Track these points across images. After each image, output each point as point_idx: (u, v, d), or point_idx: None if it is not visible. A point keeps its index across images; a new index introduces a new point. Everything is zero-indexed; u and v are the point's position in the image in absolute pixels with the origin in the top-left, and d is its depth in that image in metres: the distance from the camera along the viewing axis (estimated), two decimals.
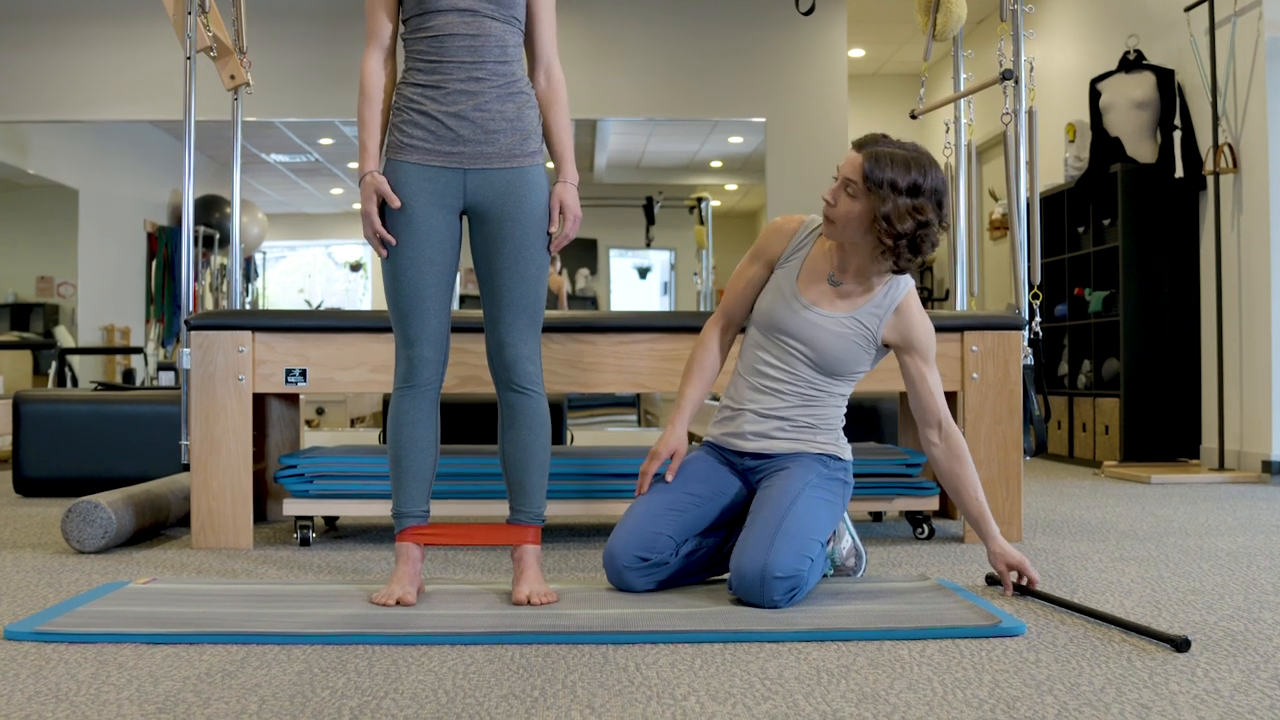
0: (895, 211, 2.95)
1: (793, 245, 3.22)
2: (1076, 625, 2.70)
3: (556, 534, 4.22)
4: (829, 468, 3.13)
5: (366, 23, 3.07)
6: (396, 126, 3.00)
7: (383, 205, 2.97)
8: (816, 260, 3.18)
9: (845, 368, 3.15)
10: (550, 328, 3.85)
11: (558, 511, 3.91)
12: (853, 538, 3.28)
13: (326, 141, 12.28)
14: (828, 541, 3.18)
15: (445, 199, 2.97)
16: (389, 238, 2.97)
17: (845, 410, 3.25)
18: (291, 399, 4.55)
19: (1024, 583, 3.04)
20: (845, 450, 3.20)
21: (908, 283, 3.19)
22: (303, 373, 3.86)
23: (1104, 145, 7.33)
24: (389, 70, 3.06)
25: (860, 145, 3.03)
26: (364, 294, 17.12)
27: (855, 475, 3.99)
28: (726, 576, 3.07)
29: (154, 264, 12.73)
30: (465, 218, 3.04)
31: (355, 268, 17.24)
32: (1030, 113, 4.40)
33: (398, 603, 2.87)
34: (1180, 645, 2.43)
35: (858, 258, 3.11)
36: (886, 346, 3.18)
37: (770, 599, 2.80)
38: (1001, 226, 9.46)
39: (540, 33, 3.09)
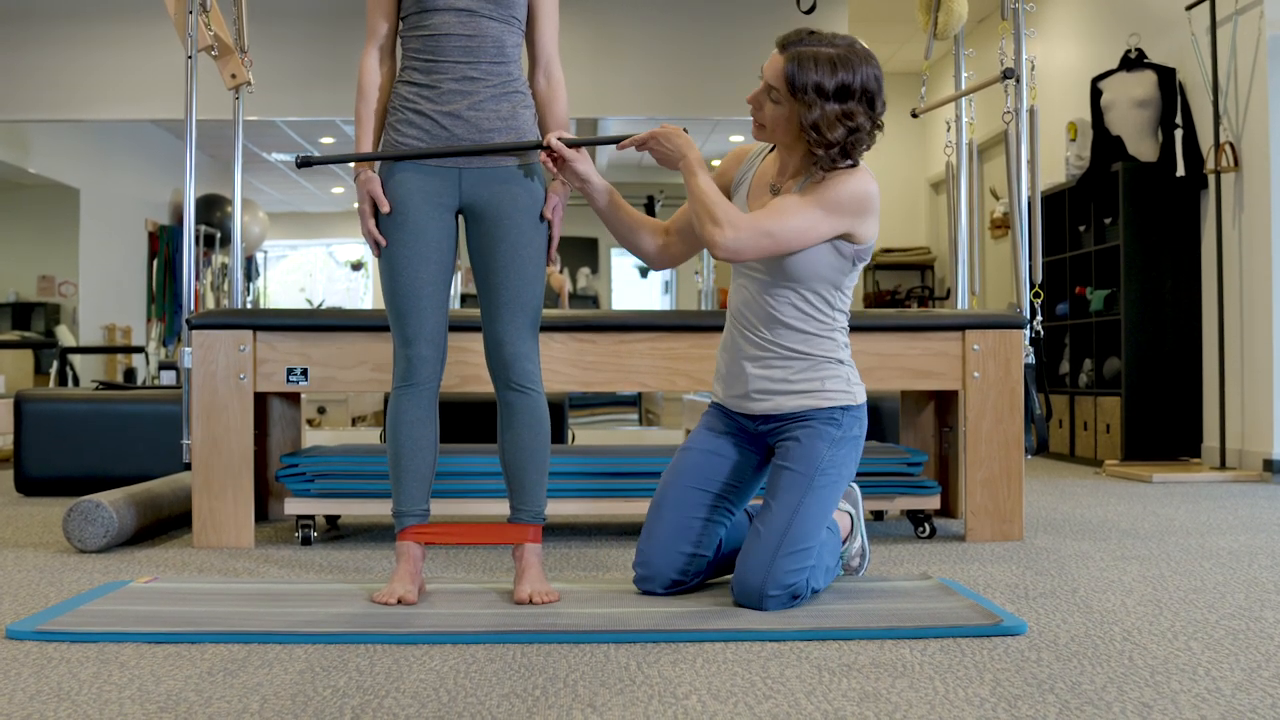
0: (824, 119, 2.79)
1: (744, 167, 3.09)
2: (1078, 624, 2.69)
3: (558, 533, 4.22)
4: (841, 427, 2.94)
5: (366, 22, 3.07)
6: (392, 126, 3.00)
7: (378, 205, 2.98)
8: (763, 175, 3.03)
9: (811, 273, 2.91)
10: (551, 327, 3.85)
11: (559, 510, 3.91)
12: (863, 538, 3.25)
13: (328, 140, 12.29)
14: (843, 540, 3.16)
15: (441, 198, 2.97)
16: (380, 239, 2.97)
17: (845, 334, 3.02)
18: (293, 398, 4.55)
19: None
20: (855, 389, 2.99)
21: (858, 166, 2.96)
22: (304, 372, 3.86)
23: (1105, 144, 7.32)
24: (386, 69, 3.06)
25: (783, 45, 2.85)
26: (365, 293, 17.15)
27: (856, 474, 3.98)
28: (729, 578, 3.06)
29: (155, 263, 12.75)
30: (461, 217, 3.05)
31: (356, 266, 17.27)
32: (1031, 111, 4.40)
33: (399, 601, 2.87)
34: None
35: (793, 160, 2.94)
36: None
37: (771, 609, 2.80)
38: (1003, 225, 9.46)
39: (541, 32, 3.08)
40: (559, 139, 2.94)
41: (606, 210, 3.09)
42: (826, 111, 2.80)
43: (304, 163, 3.01)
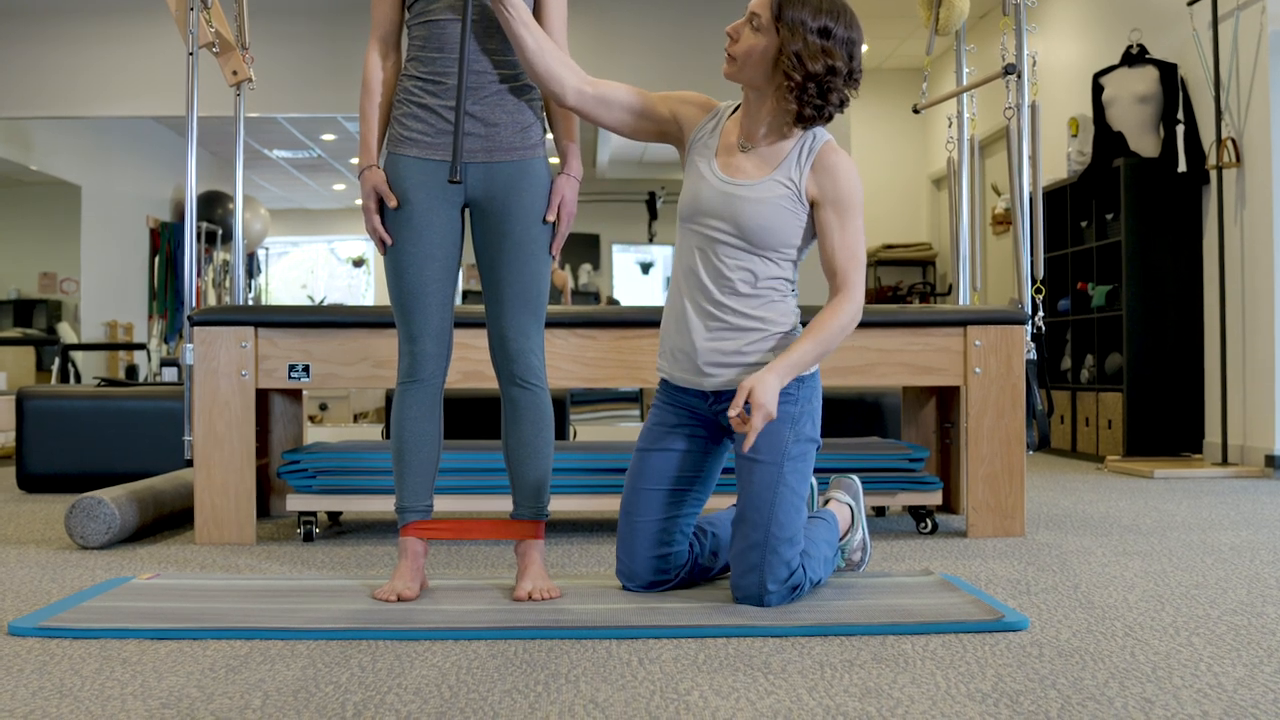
0: (805, 49, 2.78)
1: (709, 120, 3.04)
2: (1080, 619, 2.70)
3: (560, 529, 4.22)
4: (798, 402, 2.89)
5: (371, 15, 3.05)
6: (397, 120, 2.98)
7: (383, 200, 2.96)
8: (728, 136, 2.99)
9: (774, 238, 2.88)
10: (553, 323, 3.85)
11: (561, 506, 3.91)
12: (864, 532, 3.24)
13: (329, 137, 12.28)
14: (842, 535, 3.16)
15: (446, 193, 2.96)
16: (386, 237, 2.96)
17: (794, 300, 2.99)
18: (294, 394, 4.55)
19: (736, 415, 2.77)
20: None
21: (824, 134, 2.94)
22: (306, 368, 3.87)
23: (1107, 139, 7.32)
24: (391, 64, 3.04)
25: None
26: (366, 289, 17.14)
27: (857, 470, 3.99)
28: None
29: (156, 260, 12.74)
30: (467, 211, 3.04)
31: (358, 263, 17.26)
32: (1033, 107, 4.39)
33: (399, 598, 2.87)
34: None
35: (761, 108, 2.91)
36: (813, 205, 2.92)
37: (773, 604, 2.81)
38: (1004, 221, 9.45)
39: (548, 21, 3.03)
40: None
41: (518, 30, 2.91)
42: (809, 42, 2.79)
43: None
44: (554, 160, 3.08)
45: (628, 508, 3.01)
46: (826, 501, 3.27)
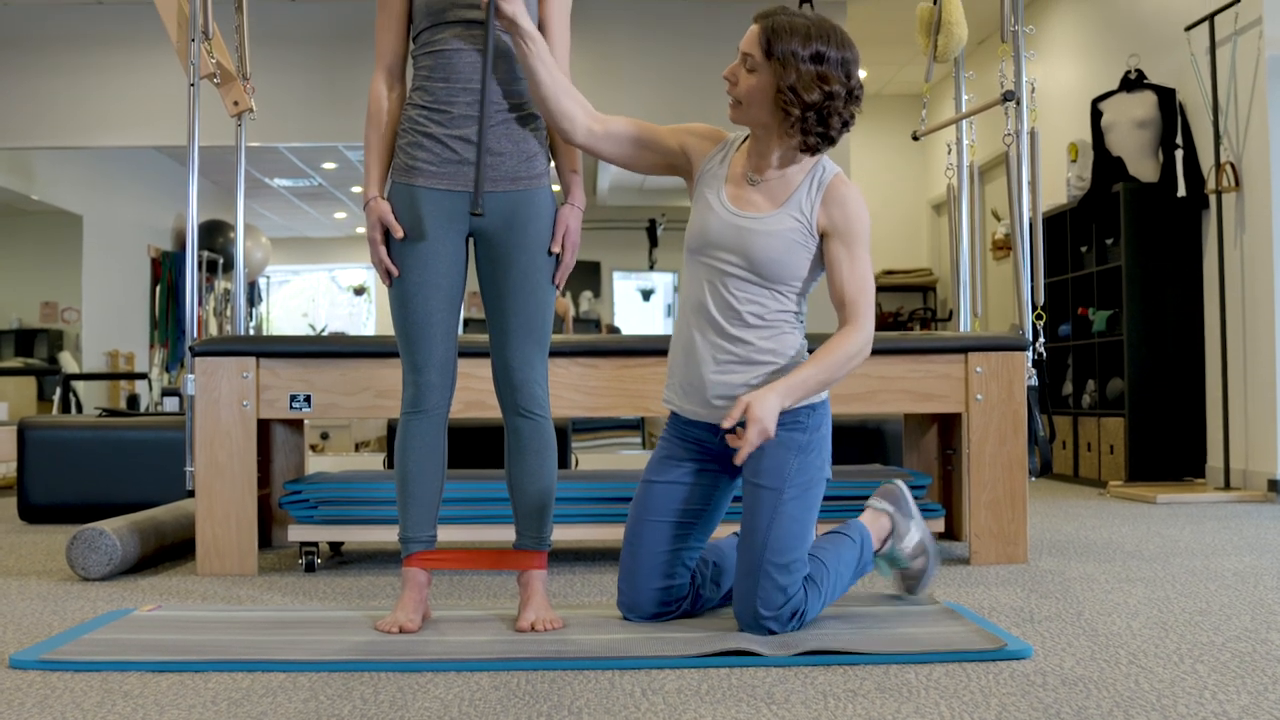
0: (800, 81, 2.77)
1: (717, 151, 3.04)
2: (1084, 647, 2.69)
3: (562, 558, 4.21)
4: (807, 430, 2.88)
5: (375, 45, 3.05)
6: (402, 149, 2.99)
7: (388, 230, 2.96)
8: (736, 169, 2.99)
9: (785, 270, 2.89)
10: (555, 352, 3.85)
11: (564, 536, 3.90)
12: (922, 535, 3.12)
13: (330, 166, 12.32)
14: (880, 545, 3.11)
15: (451, 222, 2.96)
16: (393, 269, 2.96)
17: (801, 334, 2.98)
18: (295, 424, 4.55)
19: (731, 428, 2.78)
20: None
21: (833, 166, 2.95)
22: (307, 398, 3.87)
23: (1106, 165, 7.33)
24: (396, 93, 3.04)
25: (760, 17, 2.85)
26: (368, 318, 17.17)
27: (860, 497, 3.98)
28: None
29: (158, 289, 12.76)
30: (471, 241, 3.04)
31: (359, 291, 17.28)
32: (1032, 134, 4.41)
33: (402, 629, 2.86)
34: None
35: (770, 143, 2.91)
36: (823, 236, 2.91)
37: (774, 631, 2.80)
38: (1004, 247, 9.46)
39: (552, 48, 3.05)
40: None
41: (535, 65, 2.92)
42: (803, 73, 2.78)
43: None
44: (556, 188, 3.09)
45: (631, 539, 3.00)
46: (862, 513, 3.22)
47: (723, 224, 2.92)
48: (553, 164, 3.09)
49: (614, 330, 14.43)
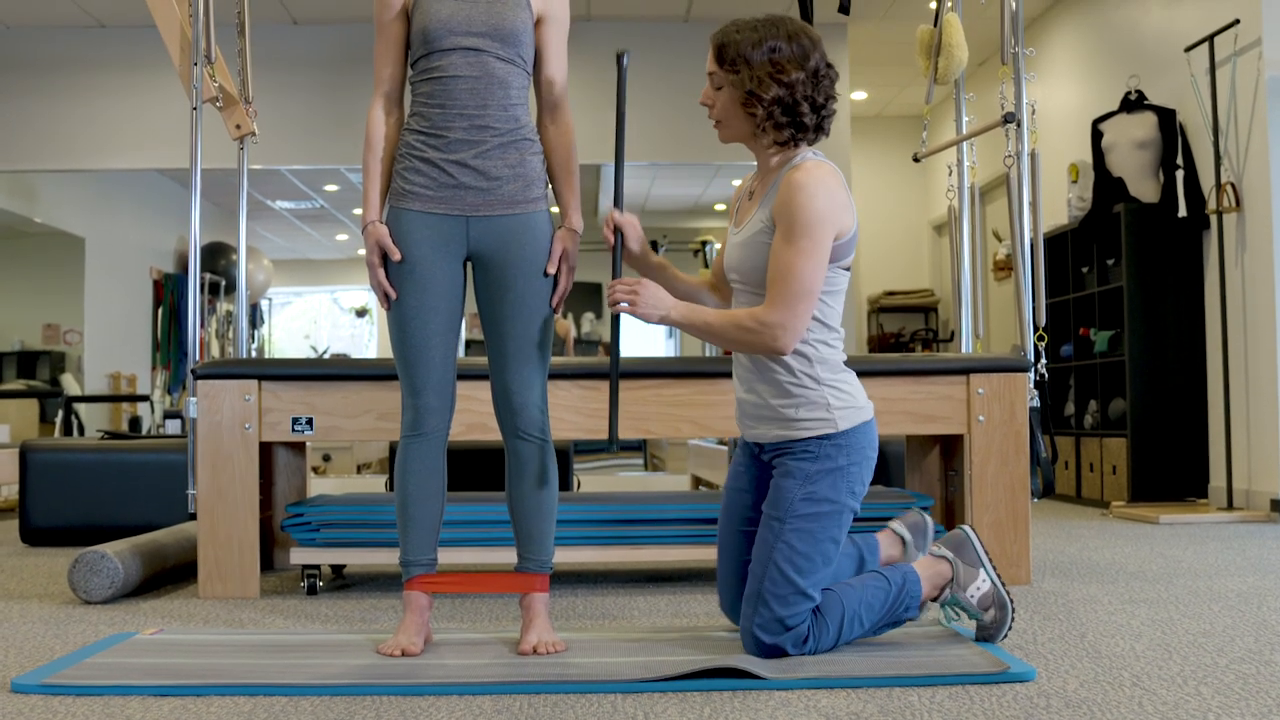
0: (756, 80, 2.81)
1: (734, 202, 3.11)
2: (1087, 670, 2.68)
3: (564, 581, 4.21)
4: (817, 460, 2.85)
5: (374, 71, 3.07)
6: (399, 174, 3.00)
7: (386, 254, 2.98)
8: (741, 191, 3.08)
9: (760, 273, 2.88)
10: (556, 374, 3.85)
11: (565, 558, 3.90)
12: (993, 584, 2.97)
13: (331, 188, 12.33)
14: (937, 592, 2.97)
15: (448, 246, 2.97)
16: (391, 292, 2.97)
17: (829, 348, 2.92)
18: (297, 446, 4.54)
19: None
20: (838, 413, 2.88)
21: (807, 155, 2.89)
22: (309, 421, 3.87)
23: (1107, 185, 7.34)
24: (394, 119, 3.06)
25: (712, 37, 2.93)
26: (369, 339, 17.17)
27: (863, 519, 3.97)
28: None
29: (160, 311, 12.76)
30: (469, 264, 3.05)
31: (360, 313, 17.29)
32: (1033, 155, 4.41)
33: (404, 653, 2.86)
34: None
35: (759, 152, 2.94)
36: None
37: (773, 655, 2.78)
38: (1006, 267, 9.47)
39: (549, 74, 3.08)
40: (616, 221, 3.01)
41: (661, 282, 3.10)
42: (756, 71, 2.82)
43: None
44: (554, 210, 3.10)
45: (719, 543, 3.12)
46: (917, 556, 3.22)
47: (729, 247, 3.01)
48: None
49: None
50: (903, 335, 11.48)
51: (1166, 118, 7.08)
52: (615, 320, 3.00)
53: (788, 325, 2.78)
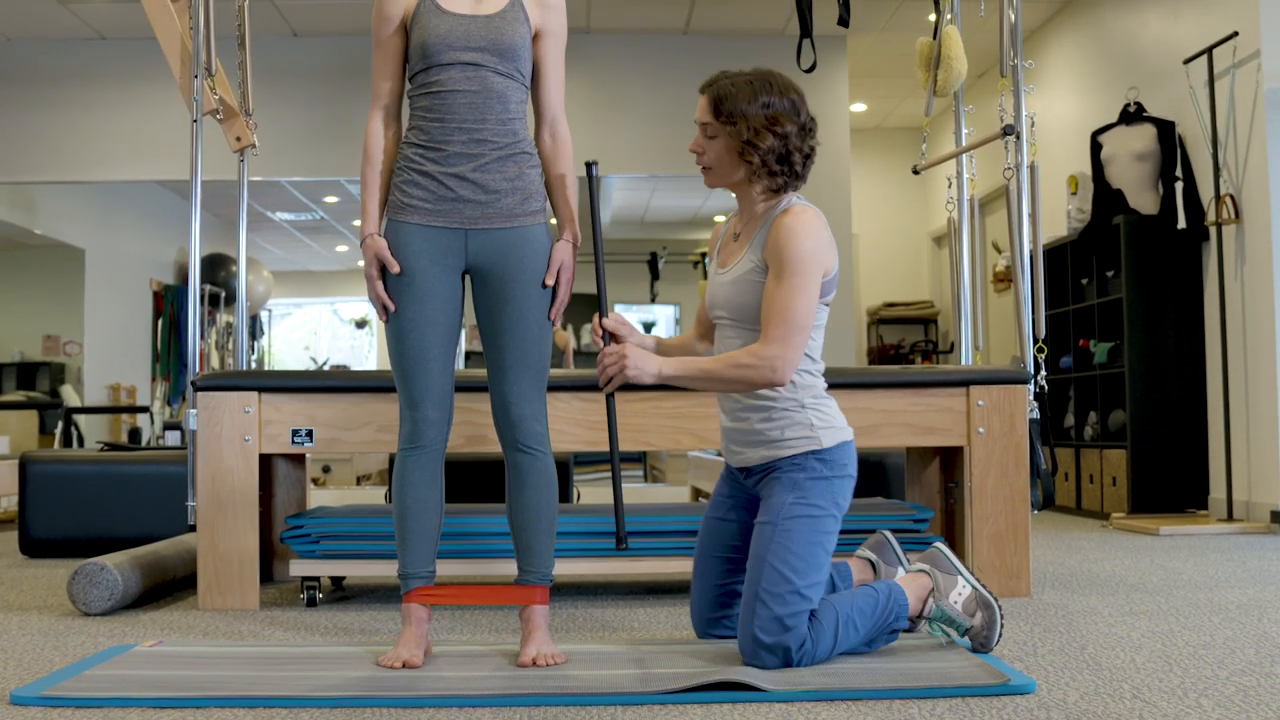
0: (753, 132, 2.93)
1: (716, 242, 3.22)
2: (1088, 682, 2.68)
3: (564, 593, 4.20)
4: (806, 470, 2.96)
5: (371, 84, 3.08)
6: (398, 186, 3.01)
7: (385, 267, 2.98)
8: (729, 233, 3.17)
9: (751, 311, 3.00)
10: (556, 386, 3.85)
11: (565, 570, 3.90)
12: (974, 587, 3.04)
13: (331, 199, 12.34)
14: (920, 605, 3.02)
15: (447, 259, 2.98)
16: (389, 304, 2.98)
17: (811, 376, 3.04)
18: (297, 458, 4.54)
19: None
20: (822, 432, 3.00)
21: (795, 200, 3.02)
22: (309, 433, 3.87)
23: (1106, 197, 7.35)
24: (392, 133, 3.08)
25: (705, 87, 3.02)
26: (369, 350, 17.16)
27: (863, 530, 3.97)
28: None
29: (160, 322, 12.76)
30: (468, 277, 3.05)
31: (360, 324, 17.28)
32: (1032, 167, 4.42)
33: (404, 665, 2.86)
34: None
35: (748, 196, 3.05)
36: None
37: (771, 664, 2.79)
38: (1005, 279, 9.47)
39: (546, 88, 3.10)
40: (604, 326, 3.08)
41: (659, 353, 3.24)
42: (753, 123, 2.94)
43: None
44: (552, 221, 3.11)
45: (694, 568, 3.23)
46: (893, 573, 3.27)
47: (714, 285, 3.12)
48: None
49: None
50: (902, 347, 11.48)
51: (1166, 130, 7.09)
52: (610, 403, 3.03)
53: (785, 357, 2.91)
